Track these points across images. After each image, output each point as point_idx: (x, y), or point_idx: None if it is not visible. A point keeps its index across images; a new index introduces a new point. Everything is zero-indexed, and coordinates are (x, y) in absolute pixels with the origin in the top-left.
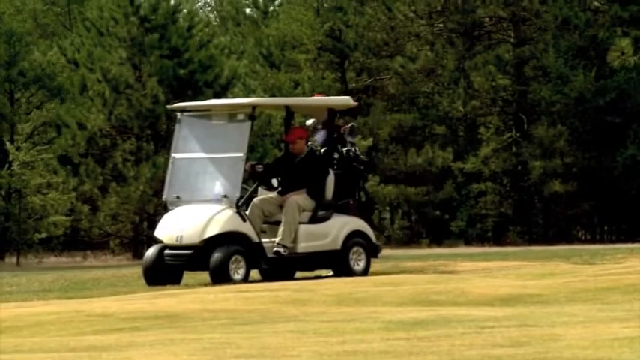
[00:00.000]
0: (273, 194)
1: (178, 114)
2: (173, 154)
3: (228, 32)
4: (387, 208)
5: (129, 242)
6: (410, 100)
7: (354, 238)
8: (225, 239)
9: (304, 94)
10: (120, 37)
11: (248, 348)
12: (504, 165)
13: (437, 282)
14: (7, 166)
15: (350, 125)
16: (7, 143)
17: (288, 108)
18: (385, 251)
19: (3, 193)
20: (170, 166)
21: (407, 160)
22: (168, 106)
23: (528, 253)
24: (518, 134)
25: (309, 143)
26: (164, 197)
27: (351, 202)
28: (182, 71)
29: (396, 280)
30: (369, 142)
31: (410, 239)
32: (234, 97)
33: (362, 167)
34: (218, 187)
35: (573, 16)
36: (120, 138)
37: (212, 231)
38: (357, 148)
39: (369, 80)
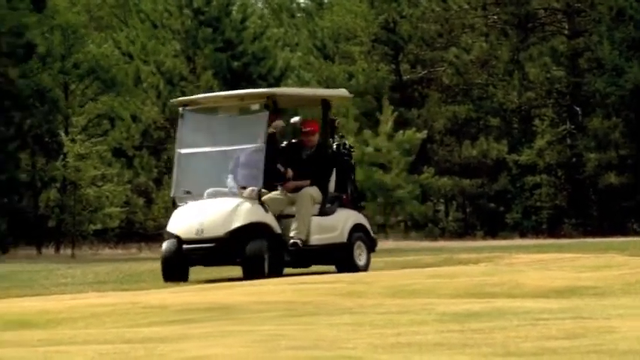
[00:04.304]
0: (277, 192)
1: (181, 109)
2: (178, 150)
3: (282, 24)
4: (442, 200)
5: None
6: (464, 91)
7: (356, 232)
8: (250, 231)
9: (358, 86)
10: (174, 29)
11: (303, 340)
12: (559, 157)
13: (492, 274)
14: (61, 157)
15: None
16: (62, 135)
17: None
18: (439, 243)
19: (58, 185)
20: (176, 161)
21: (461, 152)
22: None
23: (583, 246)
24: (572, 126)
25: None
26: (172, 193)
27: (345, 197)
28: (236, 63)
29: (451, 272)
30: (424, 133)
31: (464, 231)
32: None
33: (352, 161)
34: (230, 180)
35: (628, 7)
36: (174, 130)
37: (238, 222)
38: (347, 142)
39: (424, 72)
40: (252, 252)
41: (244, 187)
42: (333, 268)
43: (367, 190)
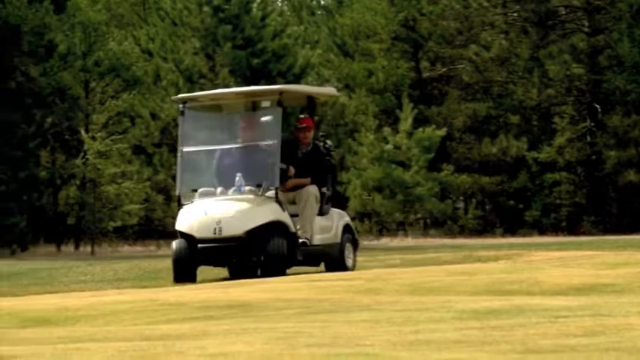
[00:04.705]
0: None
1: (180, 106)
2: (181, 147)
3: (302, 22)
4: (461, 198)
5: None
6: (484, 89)
7: (346, 232)
8: (268, 230)
9: (378, 83)
10: (193, 27)
11: (321, 337)
12: (579, 154)
13: (511, 271)
14: (81, 155)
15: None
16: (82, 132)
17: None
18: (459, 240)
19: (77, 182)
20: (179, 159)
21: (481, 150)
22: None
23: (602, 243)
24: (592, 124)
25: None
26: (177, 192)
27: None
28: (256, 61)
29: (470, 269)
30: (443, 131)
31: (484, 229)
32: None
33: (333, 161)
34: (239, 178)
35: None
36: None
37: (258, 221)
38: (328, 142)
39: (443, 69)
40: (275, 251)
41: (259, 185)
42: (315, 268)
43: (386, 187)
